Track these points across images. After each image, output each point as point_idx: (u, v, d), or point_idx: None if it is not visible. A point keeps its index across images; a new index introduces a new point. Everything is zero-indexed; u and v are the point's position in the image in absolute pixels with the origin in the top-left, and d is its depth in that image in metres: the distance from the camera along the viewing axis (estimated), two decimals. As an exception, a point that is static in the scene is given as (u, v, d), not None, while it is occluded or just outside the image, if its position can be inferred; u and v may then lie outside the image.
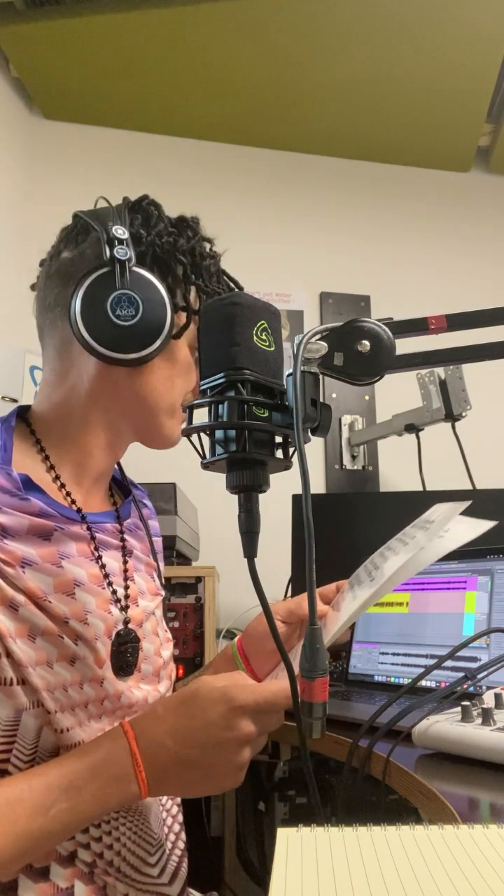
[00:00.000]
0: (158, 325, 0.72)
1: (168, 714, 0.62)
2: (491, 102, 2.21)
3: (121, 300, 0.71)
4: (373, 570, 0.73)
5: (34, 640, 0.64)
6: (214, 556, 1.71)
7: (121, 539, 0.79)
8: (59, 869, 0.65)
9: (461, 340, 0.64)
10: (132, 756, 0.60)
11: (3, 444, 0.71)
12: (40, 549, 0.67)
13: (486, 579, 1.07)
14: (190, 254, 0.77)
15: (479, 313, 0.67)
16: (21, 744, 0.63)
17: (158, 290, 0.72)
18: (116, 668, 0.72)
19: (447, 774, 0.68)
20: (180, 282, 0.77)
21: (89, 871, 0.66)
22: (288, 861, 0.41)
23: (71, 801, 0.58)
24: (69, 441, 0.76)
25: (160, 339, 0.72)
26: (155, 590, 0.84)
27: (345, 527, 1.61)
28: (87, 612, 0.69)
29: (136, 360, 0.72)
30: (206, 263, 0.79)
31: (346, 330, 0.63)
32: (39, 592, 0.65)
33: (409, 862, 0.40)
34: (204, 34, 1.95)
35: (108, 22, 1.92)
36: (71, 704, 0.66)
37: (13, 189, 2.14)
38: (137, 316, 0.71)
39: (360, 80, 2.10)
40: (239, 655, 0.89)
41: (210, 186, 2.32)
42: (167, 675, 0.82)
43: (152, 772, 0.60)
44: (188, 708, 0.62)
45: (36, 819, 0.57)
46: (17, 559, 0.65)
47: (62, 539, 0.70)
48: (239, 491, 0.61)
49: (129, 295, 0.71)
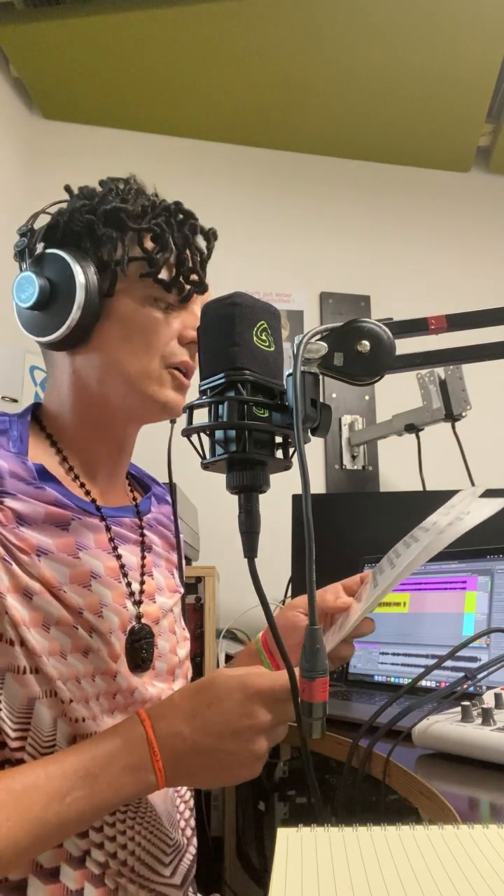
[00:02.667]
0: (68, 295, 0.70)
1: (184, 702, 0.62)
2: (491, 102, 2.21)
3: (21, 284, 0.71)
4: (394, 559, 0.73)
5: (48, 629, 0.64)
6: (214, 556, 1.71)
7: (140, 534, 0.79)
8: (70, 870, 0.64)
9: (461, 340, 0.64)
10: (149, 744, 0.59)
11: (20, 435, 0.71)
12: (57, 539, 0.67)
13: (486, 579, 1.07)
14: (114, 213, 0.72)
15: (479, 313, 0.67)
16: (36, 734, 0.63)
17: (60, 259, 0.71)
18: (132, 664, 0.71)
19: (447, 774, 0.68)
20: (100, 240, 0.72)
21: (100, 873, 0.66)
22: (288, 861, 0.41)
23: (87, 788, 0.57)
24: (75, 437, 0.77)
25: (72, 309, 0.70)
26: (174, 587, 0.83)
27: (345, 527, 1.61)
28: (102, 605, 0.69)
29: (60, 340, 0.71)
30: (133, 208, 0.73)
31: (346, 330, 0.63)
32: (55, 582, 0.65)
33: (409, 862, 0.40)
34: (204, 34, 1.95)
35: (108, 22, 1.92)
36: (84, 696, 0.66)
37: (13, 189, 2.14)
38: (34, 293, 0.70)
39: (360, 80, 2.10)
40: (263, 650, 0.88)
41: (210, 186, 2.32)
42: (182, 673, 0.81)
43: (169, 760, 0.59)
44: (205, 696, 0.61)
45: (51, 806, 0.56)
46: (33, 547, 0.64)
47: (80, 529, 0.69)
48: (239, 491, 0.61)
49: (26, 277, 0.71)
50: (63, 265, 0.70)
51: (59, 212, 0.76)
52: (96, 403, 0.75)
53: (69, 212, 0.74)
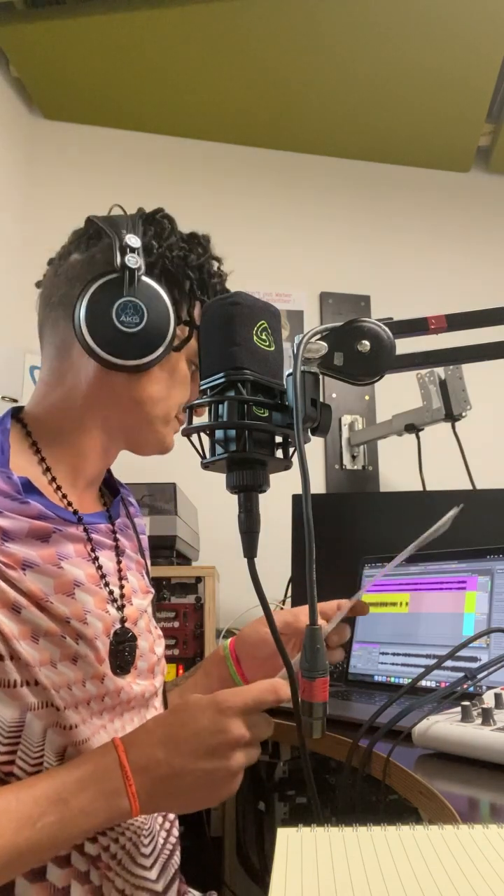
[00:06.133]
0: (161, 335, 0.73)
1: (158, 726, 0.63)
2: (491, 102, 2.21)
3: (126, 307, 0.71)
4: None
5: (37, 640, 0.64)
6: (214, 556, 1.71)
7: (114, 539, 0.80)
8: (56, 869, 0.65)
9: (461, 340, 0.64)
10: (122, 769, 0.60)
11: (1, 446, 0.71)
12: (40, 551, 0.67)
13: (486, 579, 1.07)
14: (198, 270, 0.79)
15: (479, 313, 0.67)
16: (26, 747, 0.63)
17: (164, 301, 0.73)
18: (115, 666, 0.72)
19: (447, 774, 0.68)
20: (186, 296, 0.78)
21: (86, 870, 0.66)
22: (288, 861, 0.41)
23: (58, 813, 0.57)
24: (65, 443, 0.76)
25: (161, 348, 0.73)
26: (146, 588, 0.85)
27: (345, 527, 1.61)
28: (86, 611, 0.69)
29: (135, 367, 0.72)
30: (213, 281, 0.80)
31: (346, 330, 0.63)
32: (41, 594, 0.65)
33: (409, 862, 0.40)
34: (204, 34, 1.95)
35: (108, 22, 1.92)
36: (75, 702, 0.66)
37: (13, 189, 2.14)
38: (141, 324, 0.71)
39: (361, 80, 2.10)
40: (231, 657, 0.90)
41: (210, 186, 2.32)
42: (161, 670, 0.83)
43: (143, 785, 0.60)
44: (178, 717, 0.62)
45: (22, 831, 0.56)
46: (19, 562, 0.65)
47: (60, 540, 0.70)
48: (239, 491, 0.61)
49: (134, 303, 0.72)
50: (164, 308, 0.73)
51: (151, 239, 0.75)
52: (108, 414, 0.77)
53: (166, 247, 0.76)
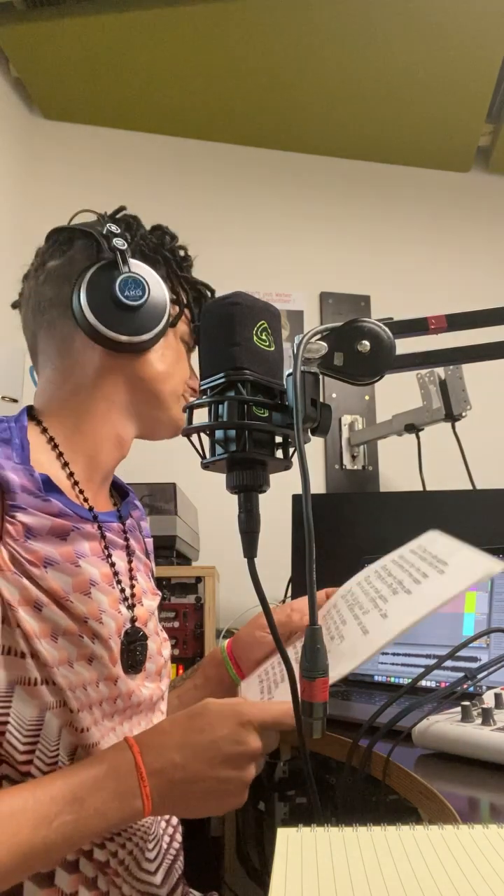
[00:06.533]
0: (161, 309, 0.74)
1: (175, 729, 0.62)
2: (491, 102, 2.21)
3: (128, 282, 0.73)
4: (378, 601, 0.71)
5: (56, 639, 0.64)
6: (214, 556, 1.71)
7: (125, 538, 0.80)
8: (65, 874, 0.65)
9: (461, 340, 0.64)
10: (137, 770, 0.60)
11: (21, 443, 0.71)
12: (59, 549, 0.67)
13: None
14: (172, 253, 0.82)
15: (479, 313, 0.67)
16: (44, 745, 0.63)
17: (156, 276, 0.75)
18: (127, 666, 0.72)
19: (447, 774, 0.68)
20: (167, 276, 0.79)
21: (94, 876, 0.66)
22: (288, 861, 0.41)
23: (74, 813, 0.57)
24: (80, 434, 0.76)
25: (163, 321, 0.74)
26: (154, 590, 0.85)
27: (345, 527, 1.61)
28: (101, 611, 0.69)
29: (142, 344, 0.74)
30: (185, 264, 0.84)
31: (346, 330, 0.63)
32: (61, 592, 0.65)
33: (409, 862, 0.40)
34: (204, 34, 1.95)
35: (108, 22, 1.92)
36: (89, 703, 0.66)
37: (13, 189, 2.13)
38: (145, 296, 0.73)
39: (361, 81, 2.10)
40: (229, 659, 0.90)
41: (210, 186, 2.32)
42: (167, 673, 0.83)
43: (157, 787, 0.60)
44: (196, 723, 0.62)
45: (39, 830, 0.56)
46: (41, 559, 0.65)
47: (77, 539, 0.70)
48: (239, 491, 0.61)
49: (134, 277, 0.73)
50: (157, 283, 0.75)
51: (124, 231, 0.77)
52: (119, 399, 0.78)
53: (139, 237, 0.79)
